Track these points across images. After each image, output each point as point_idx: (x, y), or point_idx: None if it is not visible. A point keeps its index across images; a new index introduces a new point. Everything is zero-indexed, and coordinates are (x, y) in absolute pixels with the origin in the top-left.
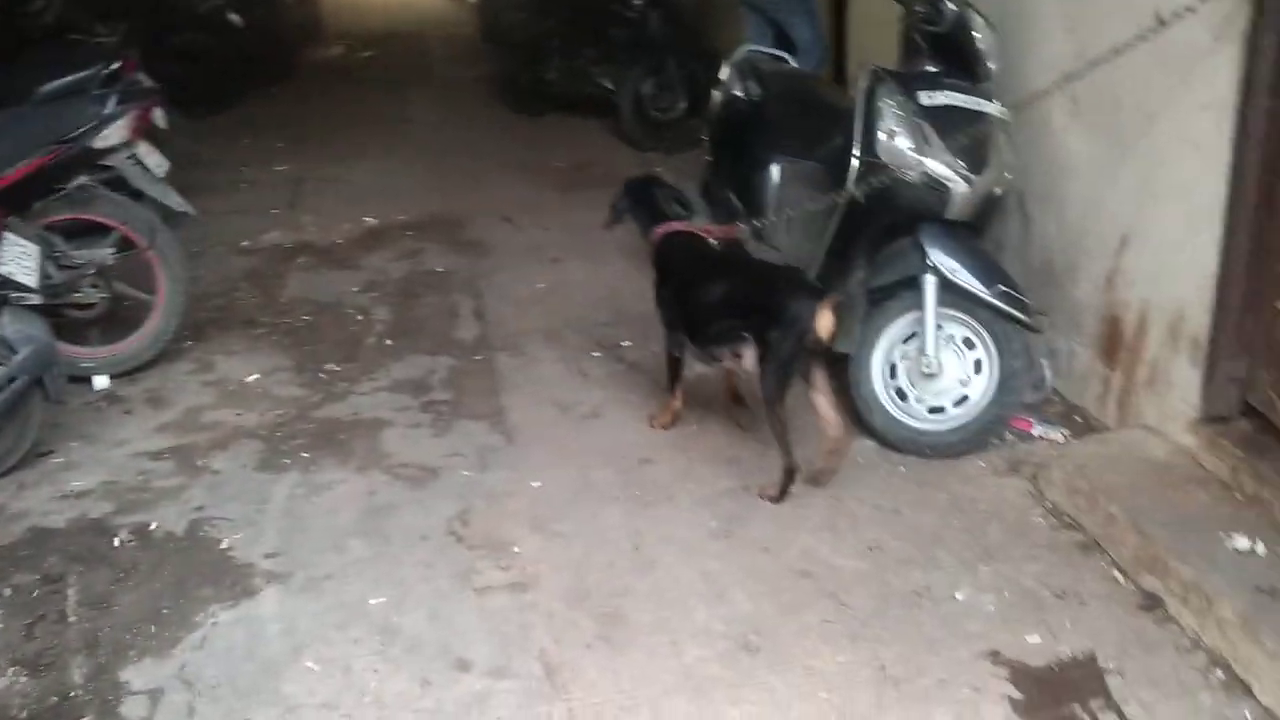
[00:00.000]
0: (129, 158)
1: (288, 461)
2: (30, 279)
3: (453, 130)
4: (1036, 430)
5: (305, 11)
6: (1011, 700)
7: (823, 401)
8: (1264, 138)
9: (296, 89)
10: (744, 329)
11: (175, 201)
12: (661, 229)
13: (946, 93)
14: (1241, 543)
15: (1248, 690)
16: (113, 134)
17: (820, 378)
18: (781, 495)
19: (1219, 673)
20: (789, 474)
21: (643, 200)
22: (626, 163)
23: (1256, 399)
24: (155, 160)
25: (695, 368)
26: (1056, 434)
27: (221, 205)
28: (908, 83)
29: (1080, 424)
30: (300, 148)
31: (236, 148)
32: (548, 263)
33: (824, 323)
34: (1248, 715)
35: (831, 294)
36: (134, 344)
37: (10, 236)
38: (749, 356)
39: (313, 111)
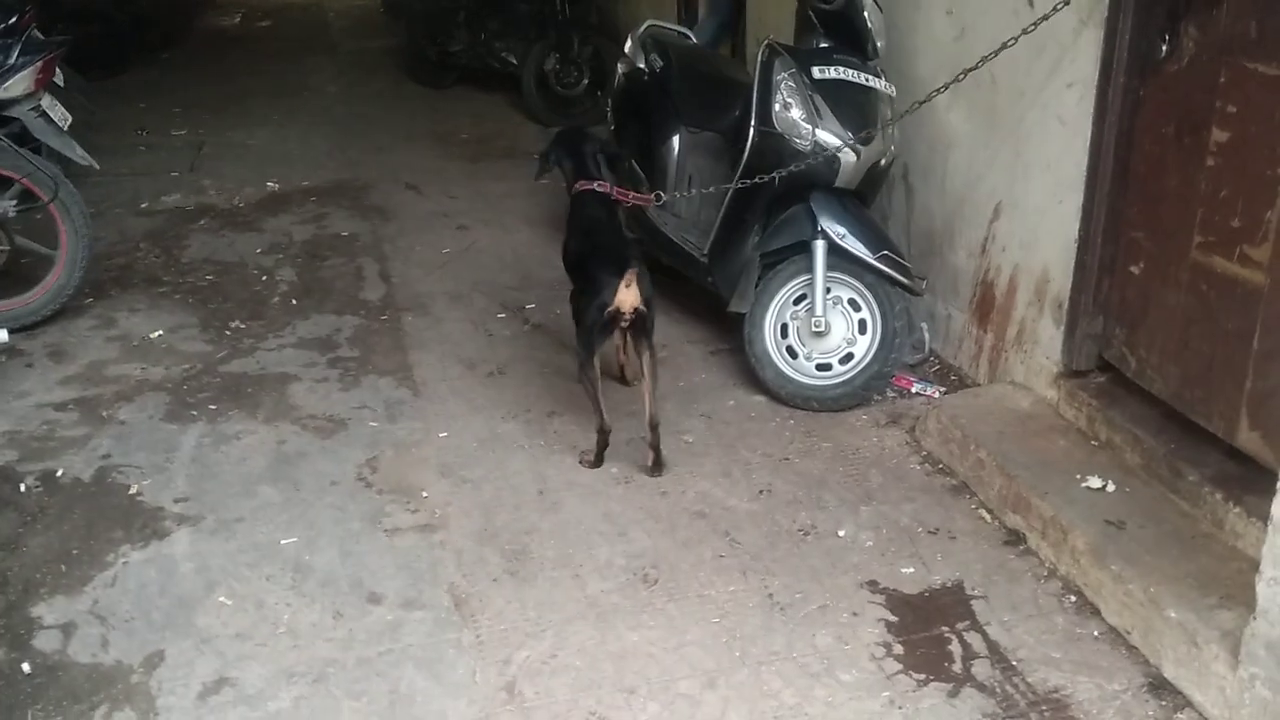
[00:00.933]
0: (33, 109)
1: (195, 413)
2: None
3: (355, 100)
4: (916, 388)
5: None
6: (887, 623)
7: (641, 377)
8: (1120, 114)
9: (193, 56)
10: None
11: (79, 155)
12: (580, 184)
13: (838, 68)
14: (1095, 482)
15: (1096, 611)
16: (15, 85)
17: (636, 352)
18: (597, 460)
19: (1072, 597)
20: (600, 435)
21: (571, 153)
22: (530, 136)
23: (1111, 355)
24: (60, 113)
25: None
26: (934, 390)
27: (119, 167)
28: (802, 58)
29: (955, 382)
30: (198, 113)
31: (133, 111)
32: (454, 229)
33: (623, 296)
34: (1095, 633)
35: (631, 268)
36: (35, 298)
37: None
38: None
39: (210, 78)
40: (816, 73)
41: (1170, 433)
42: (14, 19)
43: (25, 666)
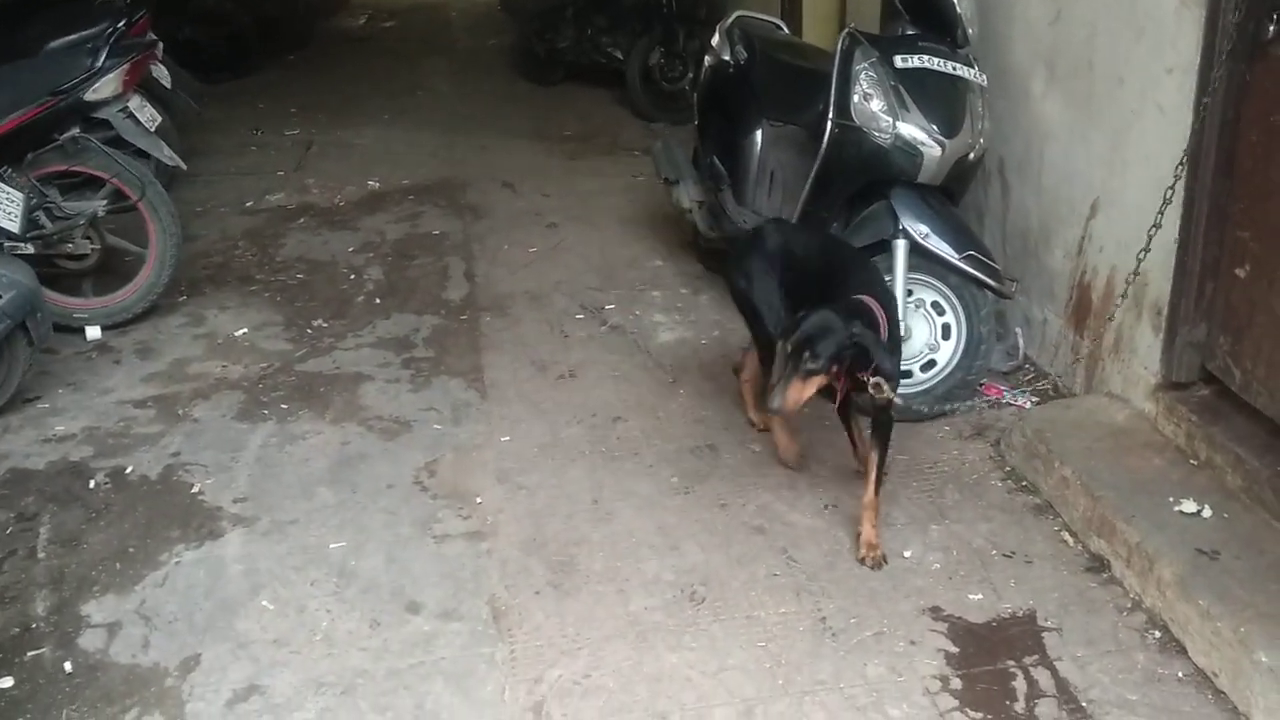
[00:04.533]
0: (121, 111)
1: (266, 412)
2: (13, 225)
3: (465, 99)
4: (1005, 397)
5: None
6: (946, 654)
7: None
8: (1223, 101)
9: (317, 57)
10: None
11: (166, 155)
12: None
13: (922, 56)
14: (1189, 506)
15: (1182, 650)
16: (104, 87)
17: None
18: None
19: (1156, 633)
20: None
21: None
22: (633, 132)
23: (1215, 366)
24: (148, 114)
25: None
26: (1024, 401)
27: (229, 166)
28: (885, 46)
29: (1050, 392)
30: (312, 113)
31: (250, 112)
32: (544, 228)
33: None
34: (1180, 674)
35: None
36: (126, 296)
37: None
38: None
39: (329, 79)
40: (899, 62)
41: (1277, 453)
42: (123, 24)
43: (68, 665)
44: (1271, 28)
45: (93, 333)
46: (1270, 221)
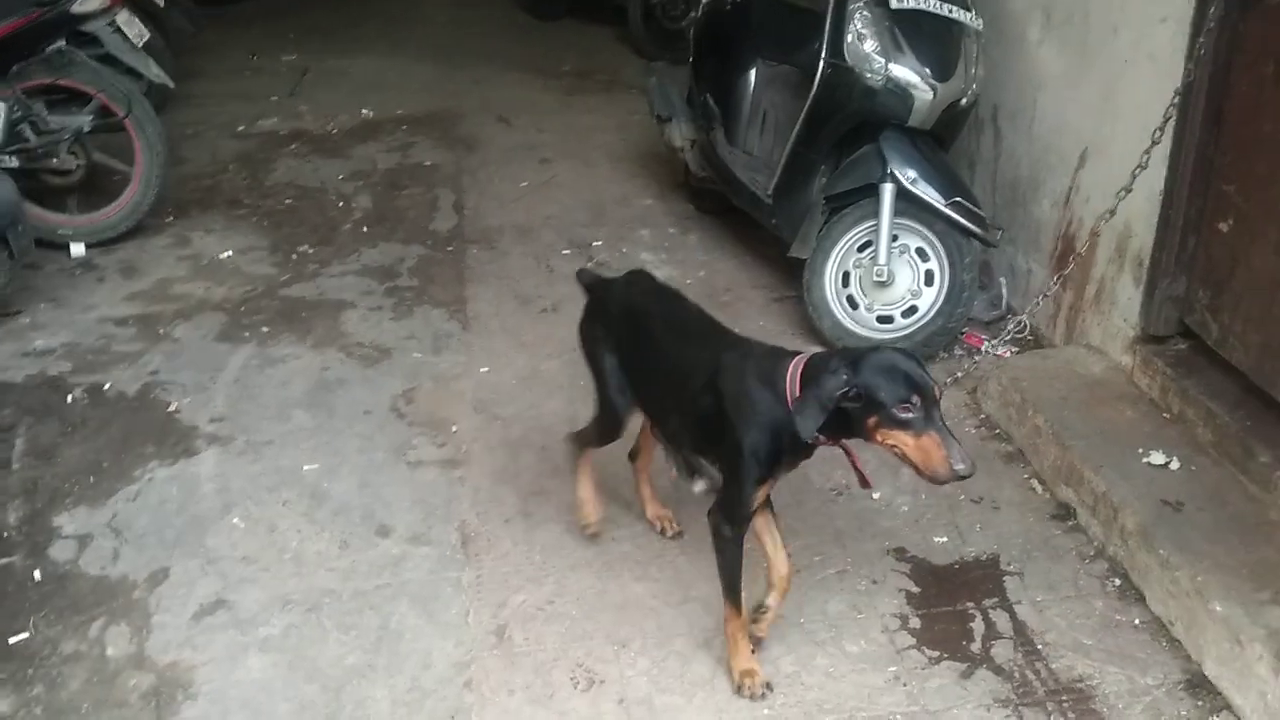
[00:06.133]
0: (108, 25)
1: (247, 335)
2: None
3: (463, 30)
4: (985, 346)
5: None
6: (908, 594)
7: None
8: (1215, 51)
9: None
10: None
11: (154, 73)
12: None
13: None
14: (1158, 458)
15: (1140, 598)
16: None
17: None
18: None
19: (1116, 580)
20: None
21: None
22: (632, 70)
23: (1193, 320)
24: (137, 30)
25: None
26: (1005, 350)
27: (223, 90)
28: None
29: (1031, 342)
30: (309, 40)
31: (247, 36)
32: (536, 163)
33: None
34: (1136, 621)
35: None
36: (112, 214)
37: None
38: None
39: (328, 6)
40: (895, 3)
41: (1249, 408)
42: None
43: (37, 574)
44: None
45: (77, 249)
46: (1256, 174)
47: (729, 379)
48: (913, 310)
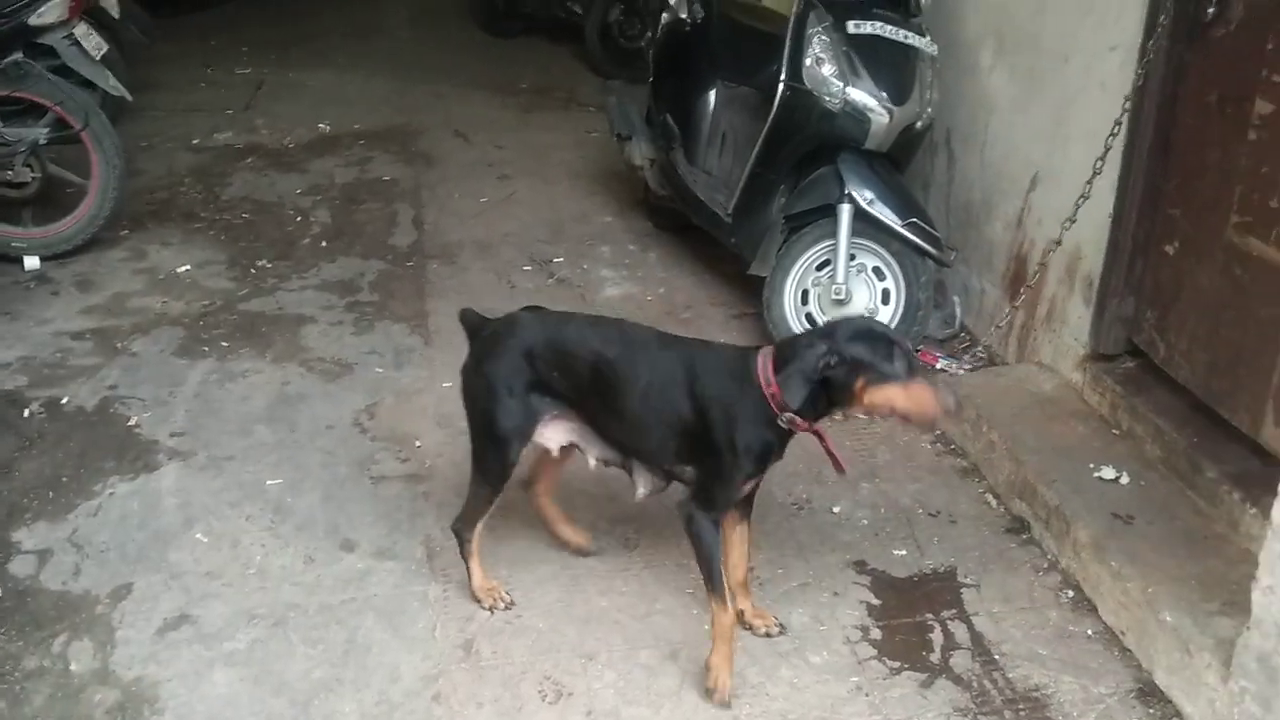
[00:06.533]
0: (66, 37)
1: (206, 349)
2: None
3: (421, 46)
4: (940, 364)
5: None
6: (869, 606)
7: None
8: (1162, 80)
9: None
10: None
11: (111, 85)
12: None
13: (875, 23)
14: (1108, 473)
15: (1093, 609)
16: (49, 11)
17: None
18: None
19: (1069, 592)
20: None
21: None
22: (589, 88)
23: (1141, 339)
24: (94, 42)
25: None
26: (958, 368)
27: (178, 103)
28: (838, 11)
29: (984, 361)
30: (265, 52)
31: (202, 48)
32: (495, 179)
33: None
34: (1089, 632)
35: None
36: (66, 227)
37: None
38: None
39: (286, 17)
40: (852, 27)
41: (1195, 425)
42: None
43: None
44: (1210, 10)
45: (31, 263)
46: (1200, 199)
47: (708, 382)
48: None
